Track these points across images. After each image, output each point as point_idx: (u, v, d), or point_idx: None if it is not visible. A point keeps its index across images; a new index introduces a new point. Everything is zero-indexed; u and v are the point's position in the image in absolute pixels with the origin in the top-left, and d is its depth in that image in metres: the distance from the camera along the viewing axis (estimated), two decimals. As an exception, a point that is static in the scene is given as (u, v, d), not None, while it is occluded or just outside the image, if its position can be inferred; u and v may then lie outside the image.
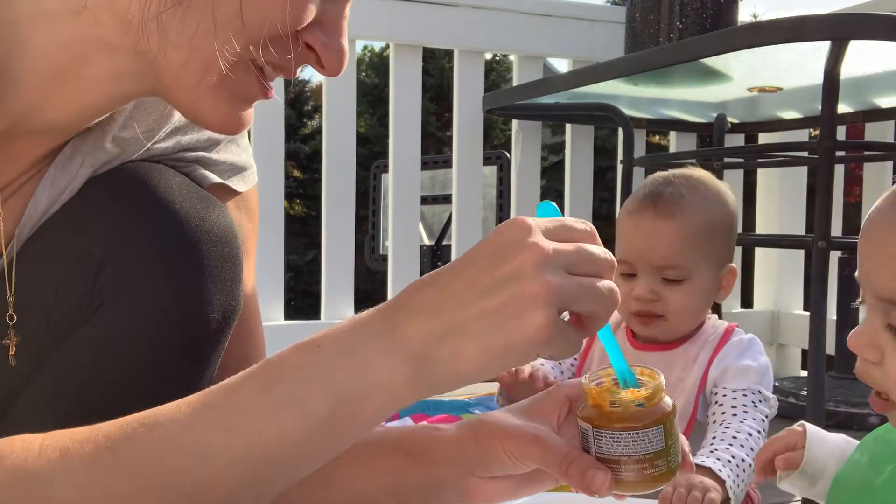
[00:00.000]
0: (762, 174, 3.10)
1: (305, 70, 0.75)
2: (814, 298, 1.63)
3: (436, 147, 8.25)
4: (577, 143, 2.88)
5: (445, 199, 3.36)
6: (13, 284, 0.76)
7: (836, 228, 2.74)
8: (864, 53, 1.75)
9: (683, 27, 2.22)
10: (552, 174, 7.52)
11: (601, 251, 0.62)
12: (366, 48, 10.10)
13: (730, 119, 2.75)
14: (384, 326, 0.61)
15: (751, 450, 1.17)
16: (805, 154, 2.37)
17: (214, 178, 0.88)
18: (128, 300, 0.77)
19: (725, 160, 2.40)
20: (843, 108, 2.47)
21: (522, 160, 2.77)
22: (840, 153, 1.97)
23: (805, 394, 1.97)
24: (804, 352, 2.94)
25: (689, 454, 0.70)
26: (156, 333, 0.78)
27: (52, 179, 0.78)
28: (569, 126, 2.88)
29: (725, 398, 1.26)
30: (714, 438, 1.20)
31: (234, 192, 0.91)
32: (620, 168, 2.64)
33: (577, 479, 0.65)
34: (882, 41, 1.61)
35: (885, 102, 2.44)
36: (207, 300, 0.80)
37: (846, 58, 1.58)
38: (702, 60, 1.95)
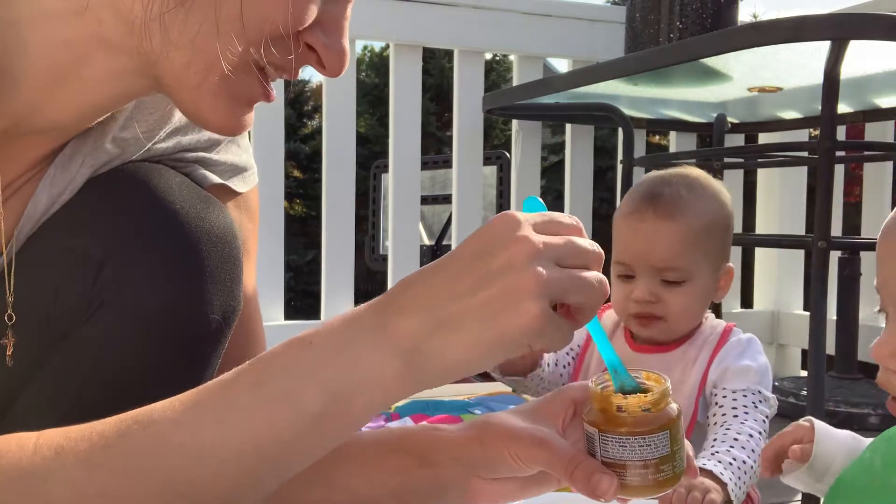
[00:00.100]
0: (762, 174, 3.10)
1: (305, 70, 0.74)
2: (814, 298, 1.63)
3: (436, 147, 8.25)
4: (577, 143, 2.88)
5: (445, 199, 3.36)
6: (12, 285, 0.76)
7: (836, 228, 2.74)
8: (864, 53, 1.75)
9: (683, 27, 2.22)
10: (552, 174, 7.52)
11: (589, 244, 0.63)
12: (366, 48, 10.09)
13: (730, 119, 2.75)
14: (375, 322, 0.61)
15: (752, 451, 1.17)
16: (805, 154, 2.37)
17: (215, 179, 0.88)
18: (128, 300, 0.77)
19: (725, 160, 2.41)
20: (843, 108, 2.47)
21: (522, 160, 2.77)
22: (840, 153, 1.98)
23: (805, 394, 1.97)
24: (804, 352, 2.94)
25: (693, 459, 0.70)
26: (156, 334, 0.78)
27: (52, 180, 0.78)
28: (569, 126, 2.88)
29: (725, 399, 1.25)
30: (715, 440, 1.20)
31: (235, 193, 0.90)
32: (620, 168, 2.64)
33: (583, 483, 0.65)
34: (882, 41, 1.61)
35: (885, 102, 2.44)
36: (207, 300, 0.80)
37: (846, 58, 1.58)
38: (702, 60, 1.95)
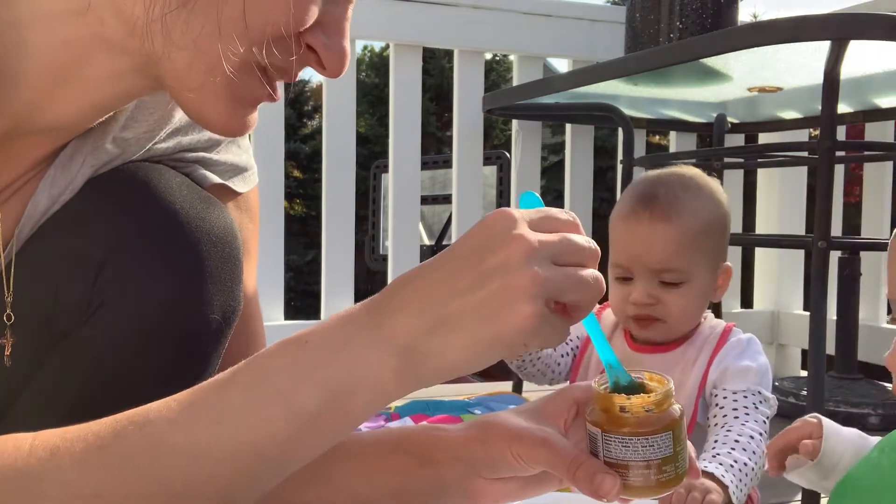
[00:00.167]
0: (762, 174, 3.10)
1: (305, 70, 0.74)
2: (814, 298, 1.63)
3: (436, 147, 8.25)
4: (577, 143, 2.88)
5: (445, 199, 3.36)
6: (12, 285, 0.76)
7: (836, 228, 2.74)
8: (864, 53, 1.75)
9: (683, 27, 2.22)
10: (552, 174, 7.53)
11: (585, 240, 0.62)
12: (366, 48, 10.10)
13: (730, 119, 2.75)
14: (372, 321, 0.61)
15: (753, 453, 1.16)
16: (805, 154, 2.37)
17: (215, 179, 0.88)
18: (128, 300, 0.77)
19: (725, 160, 2.41)
20: (843, 108, 2.47)
21: (522, 160, 2.77)
22: (840, 153, 1.97)
23: (805, 394, 1.97)
24: (804, 352, 2.94)
25: (695, 460, 0.70)
26: (156, 334, 0.78)
27: (53, 180, 0.78)
28: (569, 126, 2.88)
29: (726, 400, 1.25)
30: (716, 442, 1.19)
31: (235, 193, 0.90)
32: (620, 168, 2.64)
33: (586, 484, 0.65)
34: (882, 41, 1.60)
35: (885, 102, 2.44)
36: (207, 301, 0.80)
37: (846, 58, 1.58)
38: (702, 60, 1.95)
